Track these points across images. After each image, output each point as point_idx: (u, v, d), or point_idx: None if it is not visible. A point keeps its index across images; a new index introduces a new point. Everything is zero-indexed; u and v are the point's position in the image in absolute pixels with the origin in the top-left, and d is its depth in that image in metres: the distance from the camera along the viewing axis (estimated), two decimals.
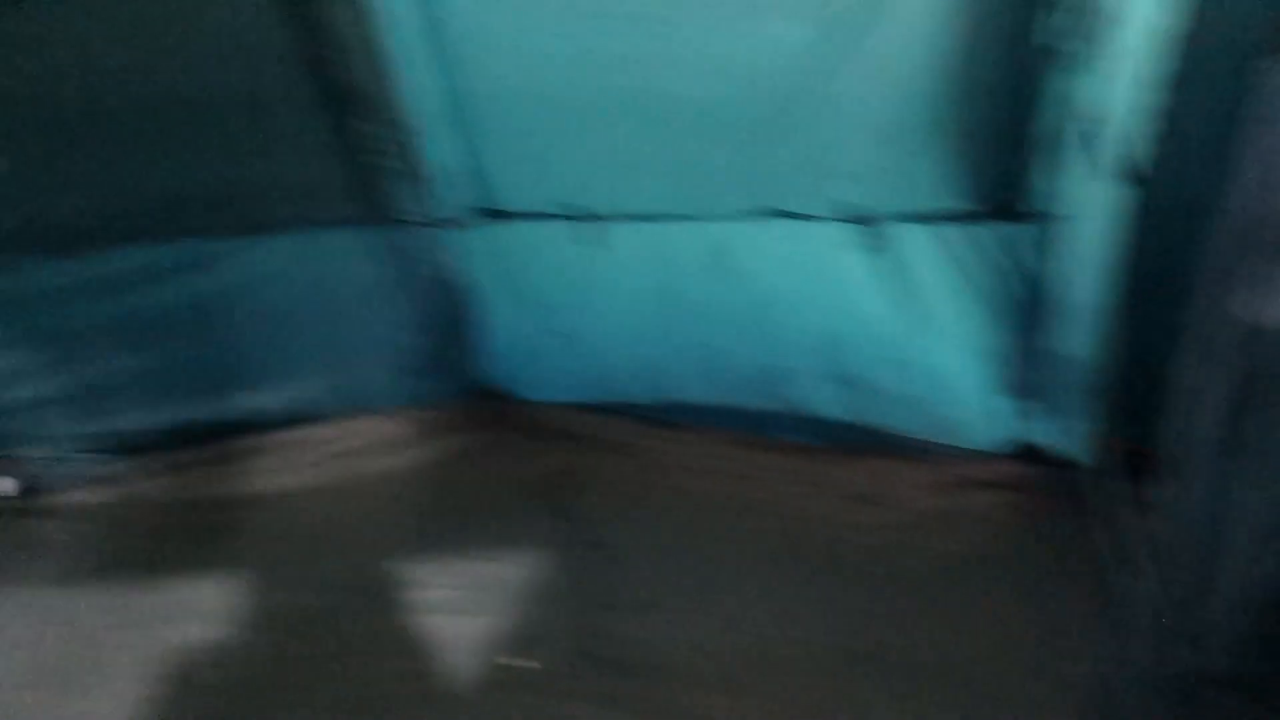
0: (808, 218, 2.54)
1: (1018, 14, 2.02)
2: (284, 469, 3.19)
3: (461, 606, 2.62)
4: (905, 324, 2.61)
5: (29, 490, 3.18)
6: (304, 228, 2.81)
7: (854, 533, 2.73)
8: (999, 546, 2.62)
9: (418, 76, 2.52)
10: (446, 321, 3.08)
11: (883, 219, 2.47)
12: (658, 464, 3.07)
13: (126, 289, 2.87)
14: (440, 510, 3.03)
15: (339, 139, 2.61)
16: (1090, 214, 2.17)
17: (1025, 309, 2.45)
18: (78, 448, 3.16)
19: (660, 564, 2.71)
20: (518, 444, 3.21)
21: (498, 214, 2.85)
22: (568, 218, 2.78)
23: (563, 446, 3.18)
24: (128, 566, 2.90)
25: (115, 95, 2.49)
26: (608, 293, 2.91)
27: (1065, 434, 2.62)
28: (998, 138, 2.23)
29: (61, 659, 2.59)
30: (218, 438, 3.18)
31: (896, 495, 2.82)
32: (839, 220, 2.51)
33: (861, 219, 2.49)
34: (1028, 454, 2.72)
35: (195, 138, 2.59)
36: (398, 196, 2.76)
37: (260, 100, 2.51)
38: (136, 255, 2.82)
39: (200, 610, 2.69)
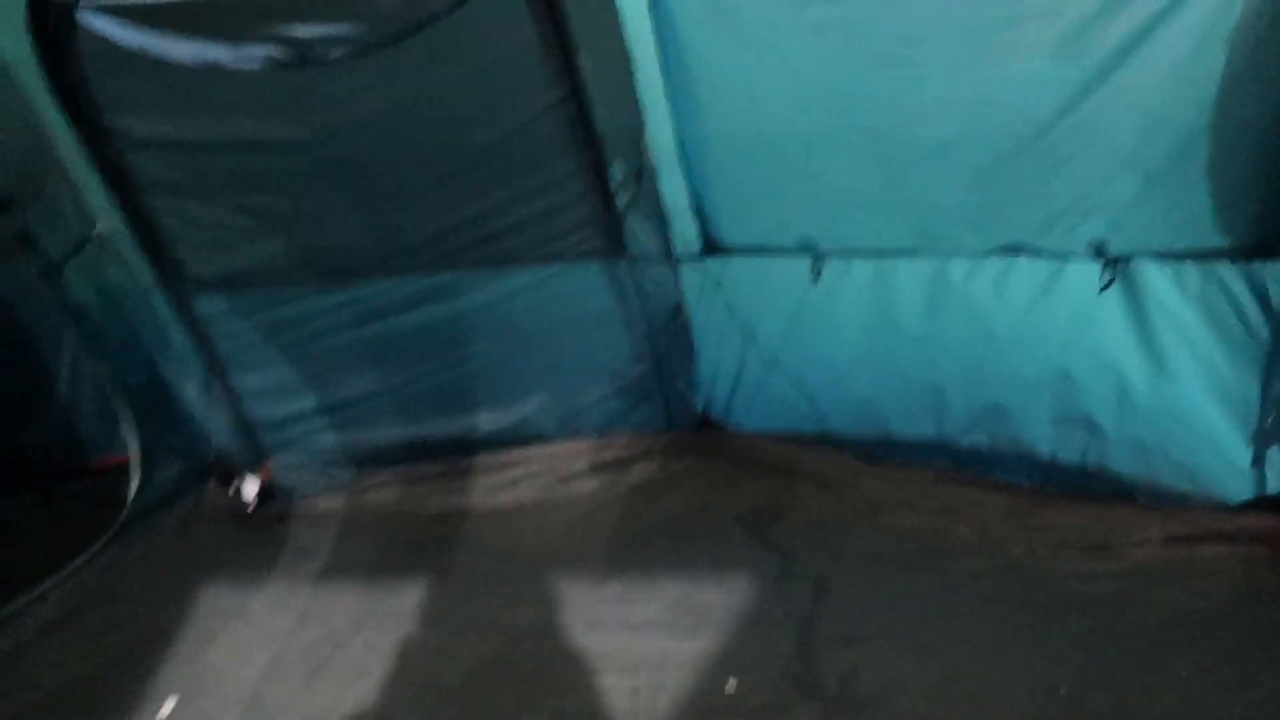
0: (1048, 255, 2.51)
1: None
2: (505, 486, 3.36)
3: (670, 628, 2.69)
4: (1146, 366, 2.54)
5: (277, 496, 3.47)
6: (545, 261, 2.96)
7: (1075, 580, 2.64)
8: (1235, 604, 2.49)
9: (659, 118, 2.63)
10: (667, 351, 3.18)
11: (1130, 257, 2.41)
12: (869, 498, 3.06)
13: (382, 316, 3.11)
14: (650, 534, 3.12)
15: (586, 179, 2.75)
16: None
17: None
18: (322, 459, 3.43)
19: (867, 599, 2.70)
20: (729, 473, 3.27)
21: (725, 249, 2.92)
22: (795, 252, 2.82)
23: (773, 477, 3.21)
24: (365, 569, 3.13)
25: (391, 143, 2.72)
26: (828, 327, 2.93)
27: None
28: (1261, 174, 2.16)
29: (308, 653, 2.81)
30: (446, 454, 3.39)
31: (1123, 544, 2.71)
32: (1082, 258, 2.47)
33: (1106, 257, 2.44)
34: (1271, 506, 2.58)
35: (458, 180, 2.78)
36: (634, 232, 2.88)
37: (518, 146, 2.68)
38: (395, 287, 3.05)
39: (429, 615, 2.89)
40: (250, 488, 3.45)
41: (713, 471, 3.30)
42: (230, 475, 3.47)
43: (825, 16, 2.27)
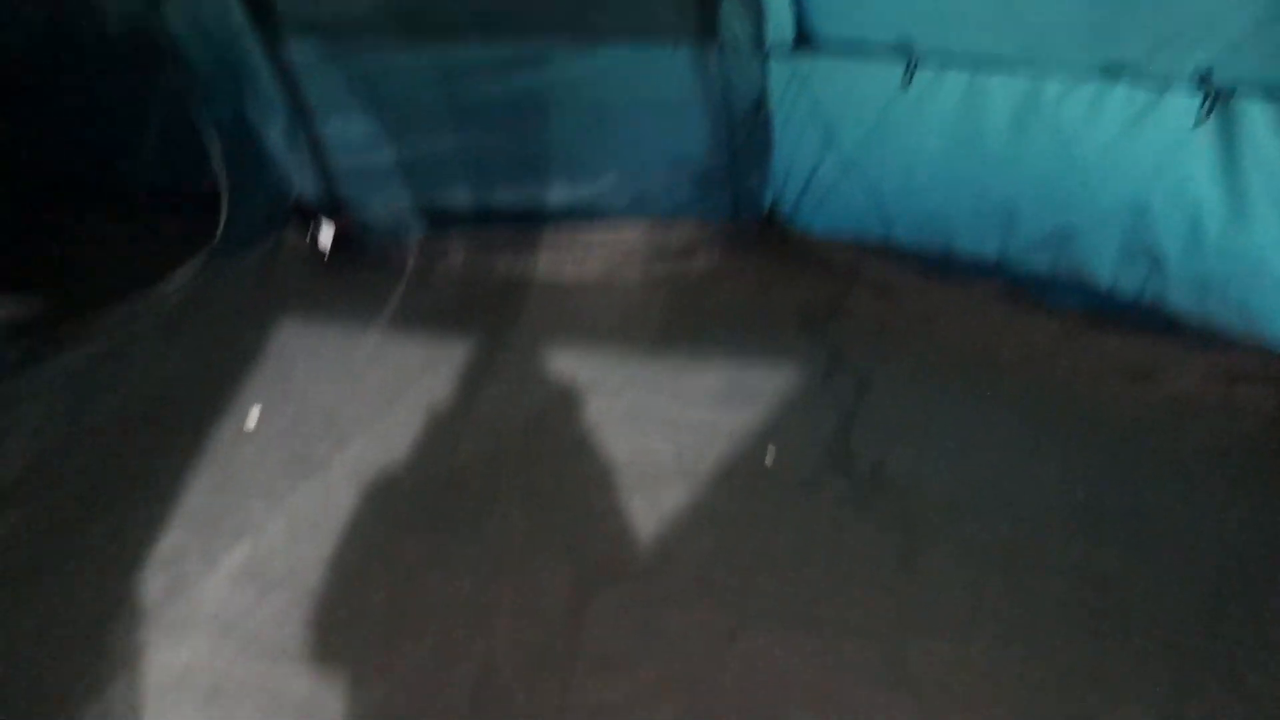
0: (1149, 82, 2.46)
1: None
2: (571, 260, 3.48)
3: (717, 401, 2.85)
4: (1225, 205, 2.52)
5: (353, 244, 3.60)
6: (634, 39, 2.95)
7: (1112, 403, 2.75)
8: (1263, 443, 2.58)
9: None
10: (745, 145, 3.20)
11: (1233, 92, 2.35)
12: (923, 308, 3.14)
13: (468, 79, 3.13)
14: (707, 318, 3.23)
15: None
16: None
17: None
18: (397, 213, 3.54)
19: (908, 400, 2.83)
20: (792, 269, 3.35)
21: (819, 43, 2.89)
22: (886, 54, 2.79)
23: (832, 278, 3.29)
24: (433, 320, 3.29)
25: None
26: (911, 136, 2.92)
27: None
28: None
29: (380, 384, 2.99)
30: (516, 221, 3.48)
31: (1165, 375, 2.79)
32: (1182, 89, 2.42)
33: (1210, 88, 2.38)
34: None
35: None
36: (728, 16, 2.85)
37: None
38: (485, 50, 3.05)
39: (493, 367, 3.06)
40: (327, 233, 3.59)
41: (773, 266, 3.38)
42: (310, 220, 3.60)
43: None
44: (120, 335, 3.21)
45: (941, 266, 3.15)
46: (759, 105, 3.11)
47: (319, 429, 2.84)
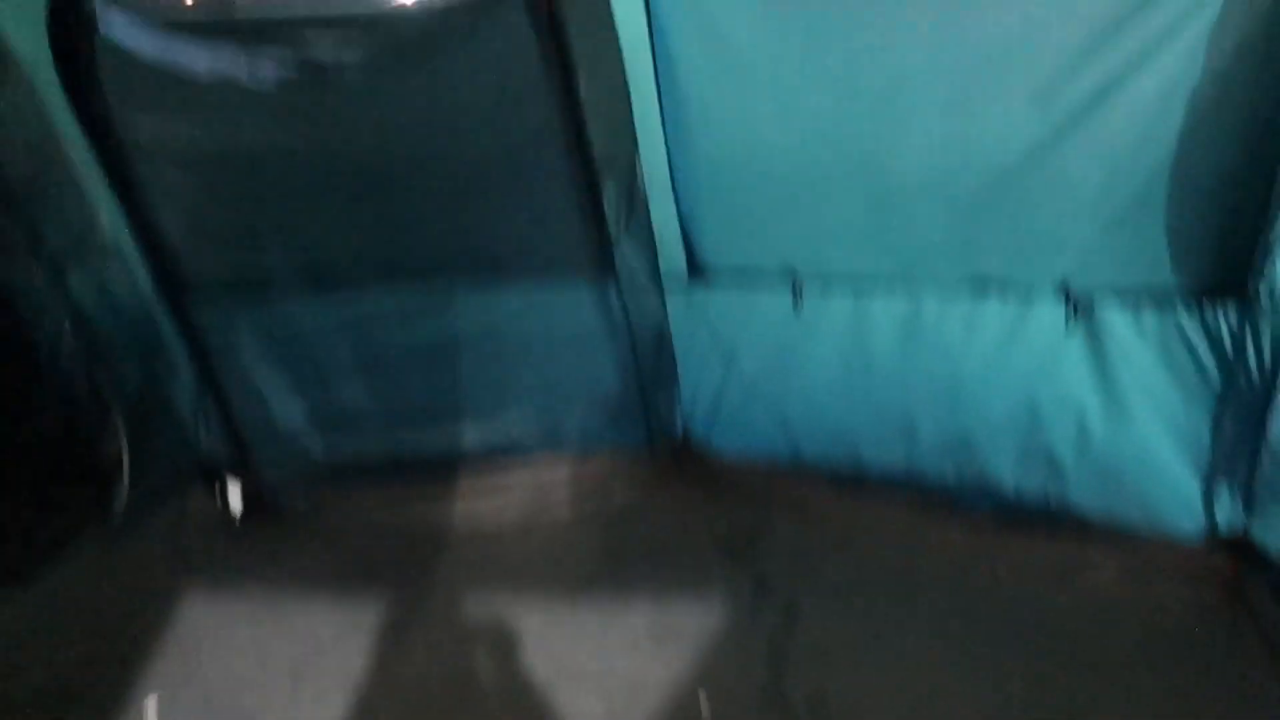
0: (1015, 292, 2.63)
1: (1264, 102, 2.10)
2: (486, 502, 3.43)
3: (645, 649, 2.77)
4: (1105, 404, 2.64)
5: (263, 504, 3.51)
6: (536, 277, 3.06)
7: (1037, 609, 2.75)
8: (1189, 638, 2.60)
9: (652, 142, 2.76)
10: (651, 373, 3.28)
11: (1094, 296, 2.53)
12: (840, 526, 3.16)
13: (374, 327, 3.19)
14: (627, 553, 3.20)
15: (580, 199, 2.85)
16: None
17: (1239, 395, 2.45)
18: (308, 468, 3.48)
19: (837, 626, 2.79)
20: (706, 496, 3.36)
21: (711, 274, 3.03)
22: (777, 279, 2.92)
23: (749, 501, 3.31)
24: (347, 580, 3.18)
25: (393, 155, 2.82)
26: (806, 355, 3.03)
27: (1266, 529, 2.59)
28: (1226, 220, 2.28)
29: (290, 660, 2.85)
30: (430, 467, 3.45)
31: (1081, 575, 2.83)
32: (1047, 297, 2.58)
33: (1070, 296, 2.55)
34: (1228, 545, 2.69)
35: (456, 194, 2.88)
36: (624, 253, 2.98)
37: (517, 163, 2.79)
38: (389, 298, 3.14)
39: (409, 628, 2.94)
40: (236, 494, 3.50)
41: (691, 494, 3.39)
42: (217, 481, 3.51)
43: (819, 55, 2.42)
44: (7, 619, 3.03)
45: (854, 481, 3.19)
46: (661, 334, 3.21)
47: (224, 717, 2.66)
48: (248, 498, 3.50)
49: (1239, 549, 2.68)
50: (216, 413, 3.37)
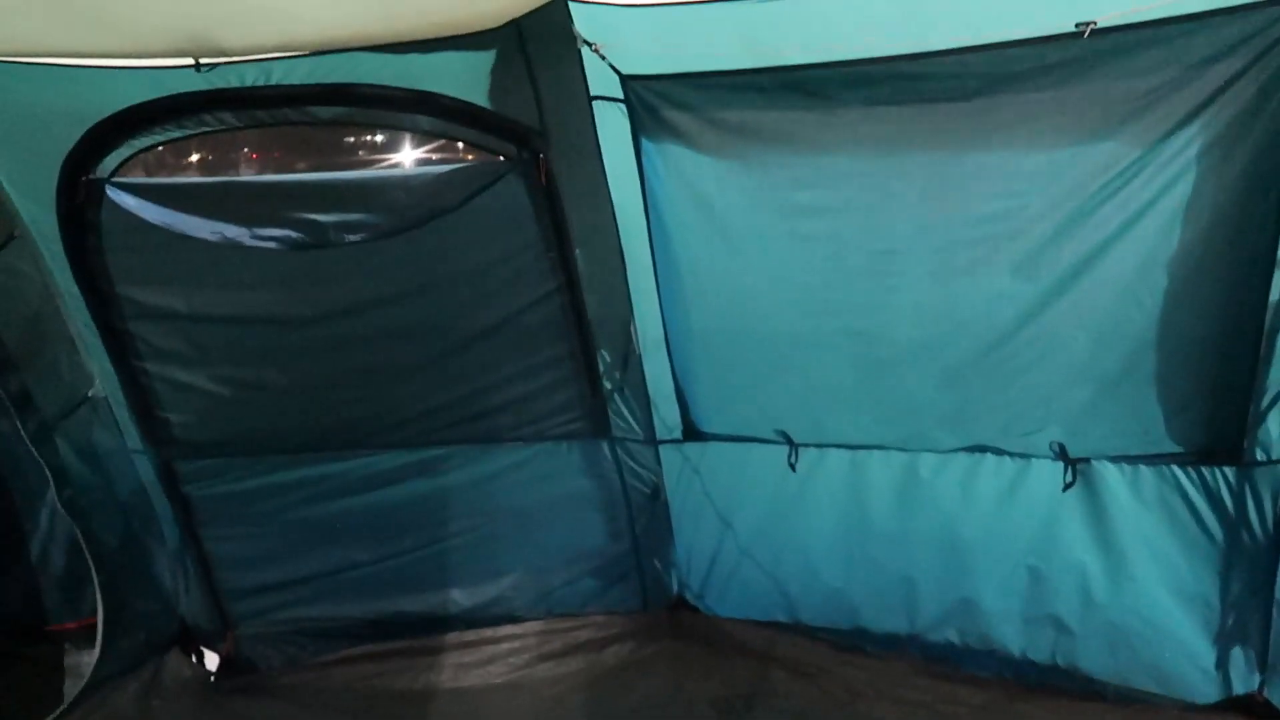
0: (1012, 455, 2.64)
1: (1244, 272, 2.17)
2: (474, 666, 3.29)
3: None
4: (1108, 565, 2.62)
5: (241, 668, 3.37)
6: (531, 440, 3.06)
7: None
8: None
9: (647, 310, 2.81)
10: (645, 533, 3.23)
11: (1091, 458, 2.54)
12: (841, 688, 3.03)
13: (364, 490, 3.15)
14: (620, 716, 3.06)
15: (575, 363, 2.89)
16: None
17: (1242, 556, 2.44)
18: (289, 632, 3.37)
19: None
20: (702, 657, 3.24)
21: (704, 435, 3.03)
22: (771, 443, 2.93)
23: (748, 662, 3.19)
24: None
25: (391, 323, 2.86)
26: (802, 517, 3.00)
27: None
28: (1217, 385, 2.33)
29: None
30: (416, 631, 3.33)
31: None
32: (1044, 459, 2.60)
33: (1068, 459, 2.56)
34: (1244, 705, 2.61)
35: (452, 360, 2.92)
36: (618, 415, 3.00)
37: (513, 330, 2.83)
38: (380, 461, 3.11)
39: None
40: (214, 658, 3.37)
41: (687, 655, 3.27)
42: (195, 644, 3.39)
43: (810, 228, 2.50)
44: None
45: (856, 642, 3.11)
46: (656, 493, 3.18)
47: None
48: (225, 661, 3.36)
49: (1256, 710, 2.59)
50: (196, 572, 3.29)
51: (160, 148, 2.71)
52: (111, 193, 2.66)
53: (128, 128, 2.54)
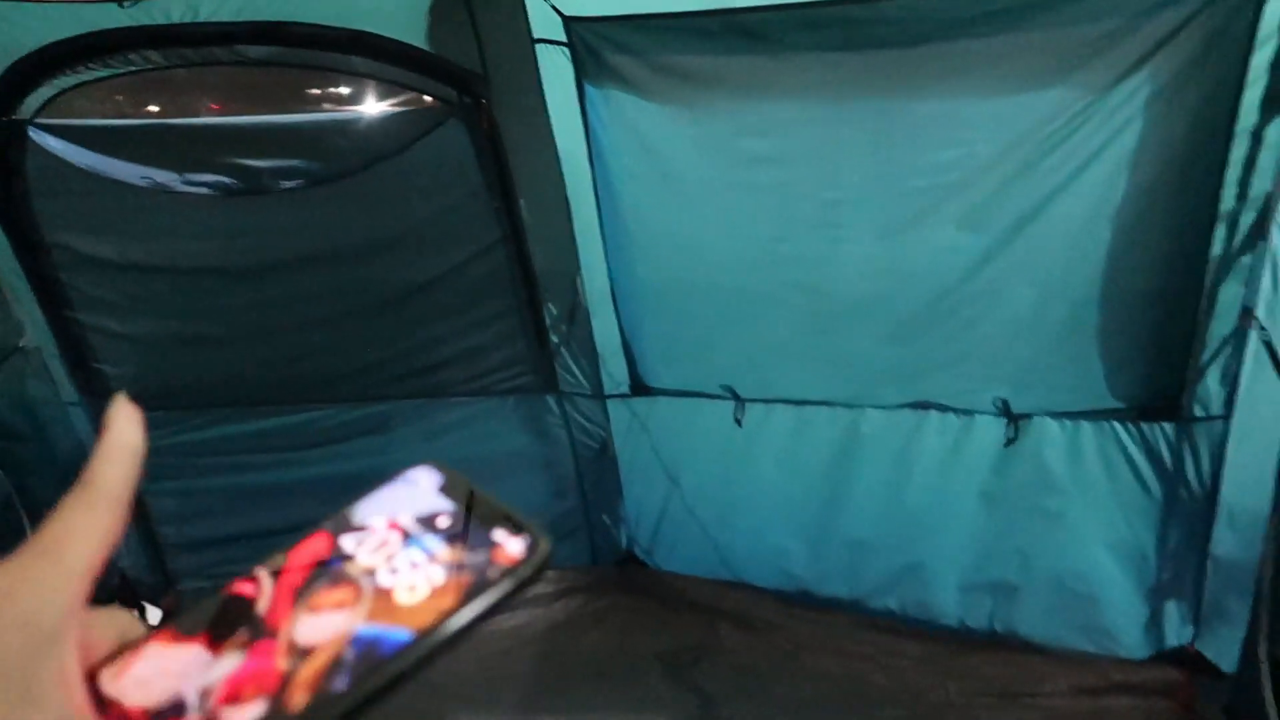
0: (957, 411, 2.63)
1: (1188, 226, 2.16)
2: None
3: None
4: (1052, 522, 2.63)
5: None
6: (477, 394, 3.01)
7: None
8: None
9: (594, 262, 2.76)
10: (594, 488, 3.21)
11: (1033, 415, 2.54)
12: (786, 641, 3.06)
13: (306, 446, 3.09)
14: (570, 672, 3.06)
15: (522, 317, 2.83)
16: (1257, 417, 2.23)
17: (1179, 511, 2.46)
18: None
19: None
20: (650, 611, 3.24)
21: (652, 390, 3.00)
22: (719, 398, 2.90)
23: (695, 616, 3.20)
24: None
25: (332, 274, 2.79)
26: (749, 474, 2.99)
27: (1213, 641, 2.57)
28: (1159, 340, 2.33)
29: None
30: None
31: (1035, 694, 2.75)
32: (987, 415, 2.59)
33: (1010, 415, 2.56)
34: (1173, 659, 2.66)
35: (395, 313, 2.85)
36: (565, 369, 2.95)
37: (457, 282, 2.76)
38: (323, 416, 3.05)
39: None
40: (156, 613, 3.31)
41: (635, 609, 3.27)
42: (134, 602, 3.32)
43: (758, 177, 2.46)
44: None
45: (801, 599, 3.12)
46: (604, 448, 3.15)
47: None
48: (166, 615, 3.30)
49: (1188, 662, 2.64)
50: (137, 529, 3.22)
51: (120, 96, 2.61)
52: (34, 134, 2.54)
53: (48, 66, 2.42)
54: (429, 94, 2.53)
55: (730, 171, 2.46)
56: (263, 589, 0.40)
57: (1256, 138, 2.03)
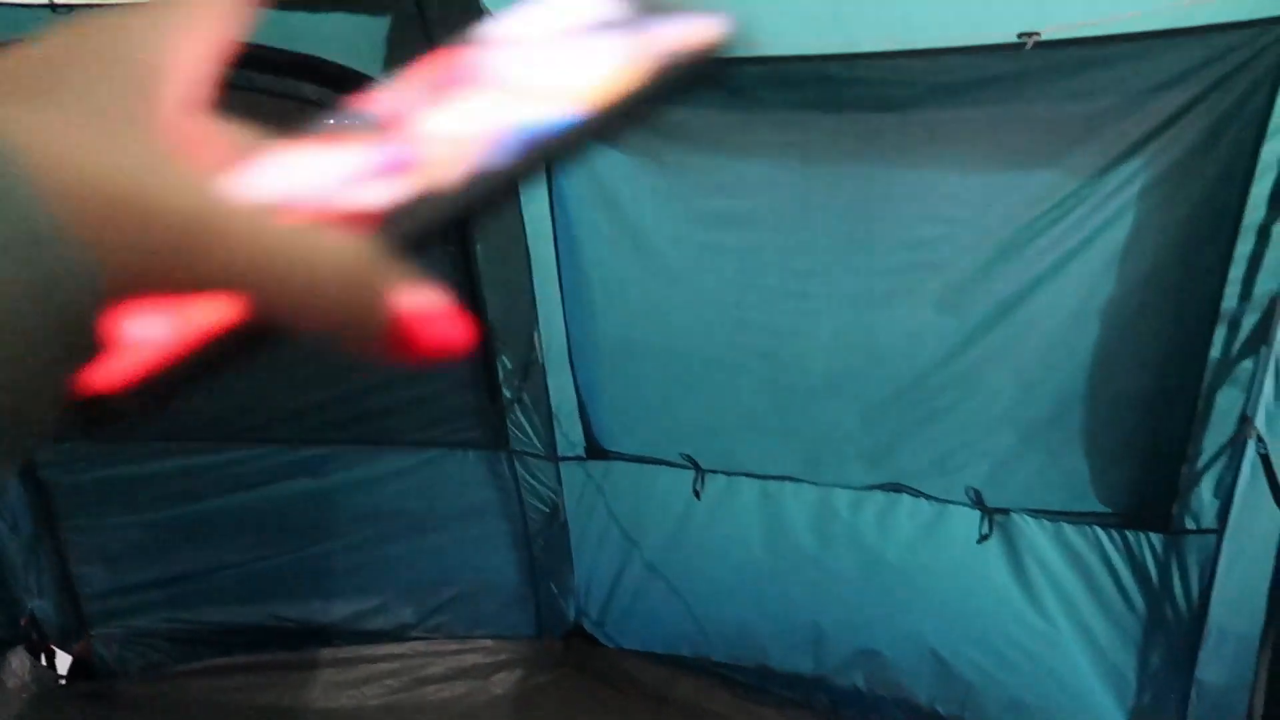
0: (929, 498, 2.45)
1: (1183, 325, 2.00)
2: (350, 685, 3.04)
3: None
4: (1024, 624, 2.43)
5: (94, 673, 3.10)
6: (422, 445, 2.82)
7: None
8: None
9: (551, 316, 2.59)
10: (543, 554, 3.00)
11: (1009, 511, 2.36)
12: None
13: (239, 487, 2.88)
14: None
15: (473, 368, 2.64)
16: (1251, 533, 2.05)
17: (1164, 630, 2.27)
18: (149, 636, 3.10)
19: None
20: (598, 691, 3.02)
21: (608, 454, 2.81)
22: (679, 466, 2.71)
23: (642, 702, 2.98)
24: None
25: None
26: (709, 546, 2.79)
27: None
28: (1146, 446, 2.15)
29: None
30: (287, 643, 3.07)
31: None
32: (961, 505, 2.41)
33: (985, 508, 2.38)
34: None
35: (337, 353, 2.63)
36: (517, 426, 2.76)
37: None
38: (257, 457, 2.85)
39: None
40: (64, 661, 3.10)
41: (580, 688, 3.04)
42: (43, 644, 3.10)
43: (726, 239, 2.29)
44: None
45: (759, 683, 2.90)
46: (555, 512, 2.95)
47: None
48: (76, 663, 3.09)
49: None
50: (51, 565, 3.00)
51: None
52: None
53: None
54: None
55: (697, 230, 2.30)
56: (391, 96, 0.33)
57: (1264, 234, 1.86)
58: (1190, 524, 2.12)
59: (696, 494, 2.70)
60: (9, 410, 0.24)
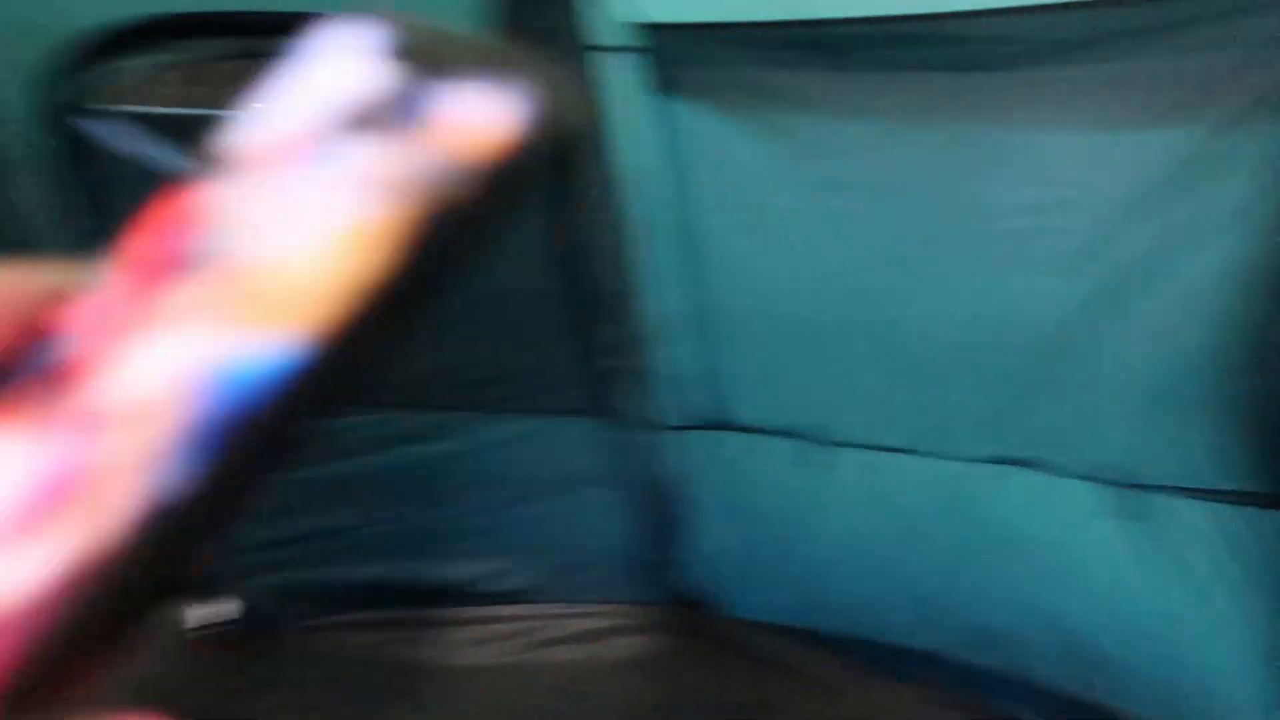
0: (1053, 473, 2.35)
1: None
2: (475, 644, 3.16)
3: None
4: (1163, 606, 2.32)
5: (230, 627, 3.29)
6: (532, 413, 2.86)
7: None
8: None
9: (664, 289, 2.56)
10: (658, 524, 3.02)
11: (1146, 488, 2.24)
12: (858, 705, 2.83)
13: (357, 452, 2.97)
14: (621, 713, 2.91)
15: (583, 338, 2.67)
16: None
17: None
18: (280, 593, 3.27)
19: None
20: (712, 659, 3.04)
21: (724, 425, 2.79)
22: (794, 436, 2.69)
23: (758, 670, 2.98)
24: (320, 715, 2.94)
25: None
26: (826, 518, 2.76)
27: None
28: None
29: None
30: (411, 602, 3.21)
31: None
32: (1094, 482, 2.30)
33: (1121, 484, 2.26)
34: None
35: (449, 323, 2.68)
36: (628, 397, 2.77)
37: (517, 297, 2.57)
38: (374, 423, 2.93)
39: None
40: (195, 614, 3.27)
41: (697, 655, 3.07)
42: (189, 598, 3.31)
43: (838, 205, 2.22)
44: None
45: (879, 659, 2.86)
46: (669, 483, 2.96)
47: None
48: (210, 620, 3.29)
49: None
50: None
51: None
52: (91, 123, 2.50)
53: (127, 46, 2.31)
54: None
55: (809, 196, 2.23)
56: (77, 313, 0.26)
57: None
58: None
59: (810, 465, 2.66)
60: None
